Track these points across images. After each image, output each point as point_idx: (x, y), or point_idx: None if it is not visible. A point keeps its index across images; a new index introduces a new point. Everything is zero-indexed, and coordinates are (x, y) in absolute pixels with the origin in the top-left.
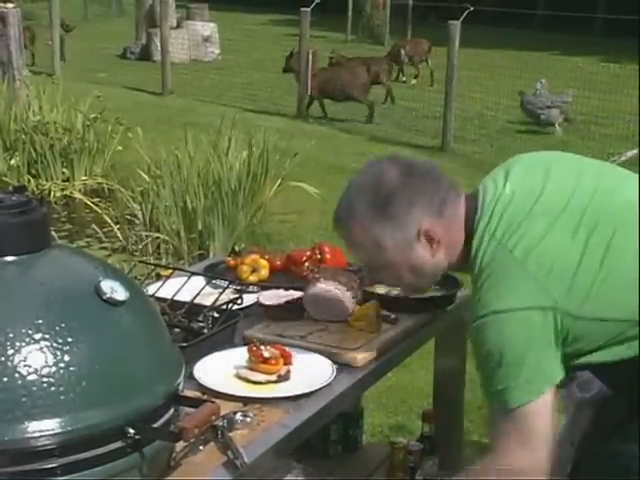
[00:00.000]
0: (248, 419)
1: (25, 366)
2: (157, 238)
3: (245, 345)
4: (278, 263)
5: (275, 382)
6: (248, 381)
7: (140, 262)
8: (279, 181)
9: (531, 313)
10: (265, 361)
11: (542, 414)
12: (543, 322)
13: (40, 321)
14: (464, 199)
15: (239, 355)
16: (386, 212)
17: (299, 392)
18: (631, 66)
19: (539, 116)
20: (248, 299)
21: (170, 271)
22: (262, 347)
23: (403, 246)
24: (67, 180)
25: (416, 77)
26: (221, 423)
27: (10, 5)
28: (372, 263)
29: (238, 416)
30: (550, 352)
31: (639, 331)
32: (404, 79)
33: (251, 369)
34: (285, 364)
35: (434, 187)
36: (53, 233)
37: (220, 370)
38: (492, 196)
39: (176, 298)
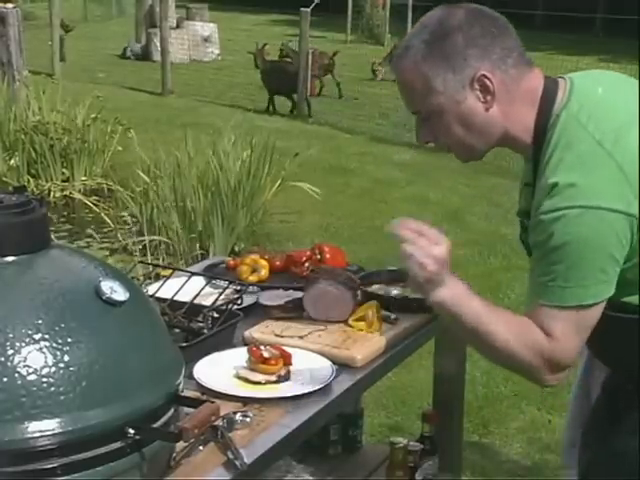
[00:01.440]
0: (248, 419)
1: (25, 366)
2: (157, 238)
3: (245, 345)
4: (278, 263)
5: (275, 382)
6: (248, 381)
7: (140, 262)
8: (279, 181)
9: (619, 218)
10: (265, 361)
11: (591, 321)
12: (625, 231)
13: (40, 321)
14: (541, 76)
15: (239, 355)
16: (442, 49)
17: (299, 392)
18: (631, 66)
19: None
20: (248, 299)
21: (170, 271)
22: (262, 347)
23: (455, 90)
24: (67, 180)
25: None
26: (221, 423)
27: (10, 5)
28: (422, 109)
29: (238, 416)
30: (620, 262)
31: None
32: None
33: (251, 369)
34: (285, 364)
35: (502, 36)
36: (52, 233)
37: (220, 370)
38: (582, 90)
39: (176, 298)
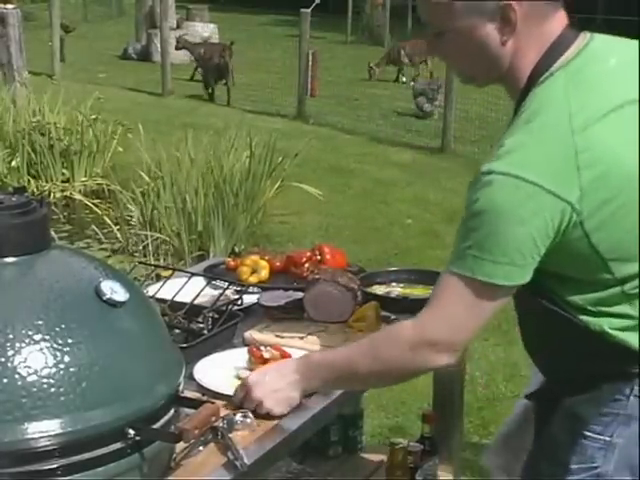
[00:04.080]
0: (248, 420)
1: (25, 367)
2: (157, 239)
3: (245, 346)
4: (278, 264)
5: None
6: None
7: (140, 263)
8: (279, 182)
9: (555, 202)
10: (265, 362)
11: (494, 304)
12: (555, 218)
13: (40, 322)
14: (565, 21)
15: (239, 356)
16: None
17: None
18: None
19: None
20: (248, 300)
21: (170, 272)
22: (262, 348)
23: (476, 15)
24: (67, 181)
25: (416, 77)
26: (221, 424)
27: (10, 6)
28: (438, 24)
29: (238, 417)
30: (541, 251)
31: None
32: (404, 80)
33: (251, 370)
34: None
35: None
36: (53, 234)
37: (220, 371)
38: (593, 54)
39: (176, 299)
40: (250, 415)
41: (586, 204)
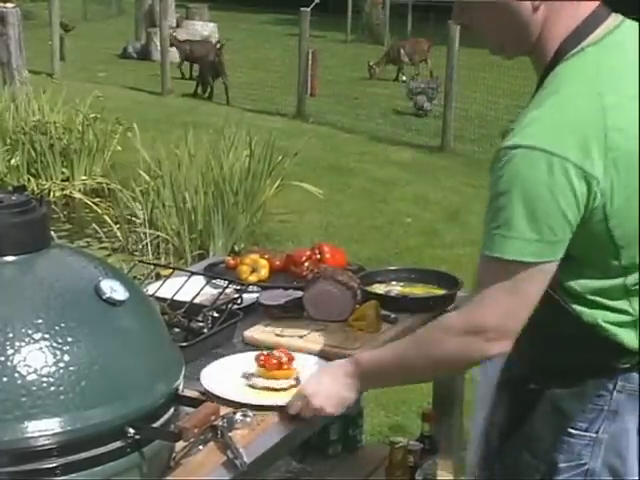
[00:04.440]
0: (248, 419)
1: (25, 366)
2: (157, 238)
3: (244, 348)
4: (278, 263)
5: (295, 385)
6: (270, 389)
7: (140, 262)
8: (279, 181)
9: (583, 176)
10: (280, 367)
11: (533, 284)
12: (584, 193)
13: (40, 321)
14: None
15: (243, 363)
16: None
17: None
18: None
19: None
20: (248, 299)
21: (170, 271)
22: (270, 353)
23: None
24: (67, 180)
25: (416, 77)
26: (221, 423)
27: (10, 5)
28: None
29: (238, 416)
30: (573, 227)
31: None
32: (404, 79)
33: (268, 377)
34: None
35: None
36: (53, 233)
37: (230, 381)
38: (624, 34)
39: (176, 298)
40: (250, 414)
41: (609, 184)
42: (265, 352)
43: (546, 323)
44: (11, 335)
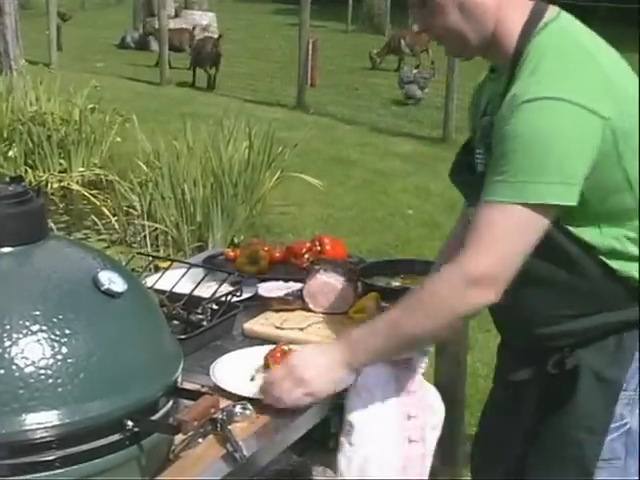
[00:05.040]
0: (247, 412)
1: (22, 358)
2: (155, 230)
3: (244, 341)
4: (278, 255)
5: None
6: None
7: (138, 254)
8: (279, 172)
9: (596, 120)
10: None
11: (541, 229)
12: (597, 135)
13: (37, 312)
14: None
15: (249, 361)
16: None
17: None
18: (629, 55)
19: None
20: (247, 291)
21: (168, 263)
22: (279, 349)
23: None
24: (64, 171)
25: (417, 67)
26: (220, 416)
27: None
28: None
29: (237, 409)
30: (586, 170)
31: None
32: (405, 69)
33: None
34: None
35: None
36: (51, 225)
37: (240, 371)
38: (572, 19)
39: (175, 290)
40: (249, 407)
41: (619, 124)
42: (279, 347)
43: (584, 288)
44: (8, 327)
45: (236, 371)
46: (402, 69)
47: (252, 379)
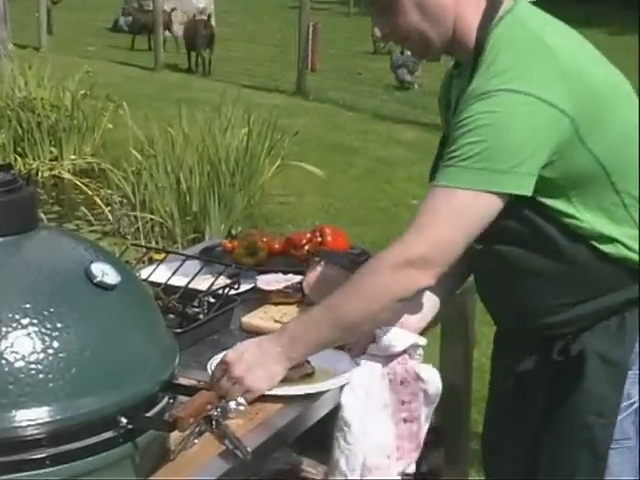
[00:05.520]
0: (241, 407)
1: (12, 352)
2: (150, 220)
3: (241, 335)
4: (277, 246)
5: (309, 375)
6: (289, 380)
7: (132, 245)
8: (278, 161)
9: (552, 111)
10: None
11: (487, 216)
12: (553, 124)
13: (27, 305)
14: None
15: None
16: None
17: (342, 382)
18: (630, 36)
19: None
20: (245, 283)
21: (164, 254)
22: None
23: None
24: (55, 159)
25: (402, 53)
26: (215, 412)
27: None
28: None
29: (232, 405)
30: (544, 160)
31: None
32: (409, 53)
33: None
34: None
35: None
36: (42, 215)
37: None
38: (529, 7)
39: (170, 282)
40: (244, 402)
41: (576, 110)
42: None
43: (578, 275)
44: None
45: None
46: (393, 52)
47: None
